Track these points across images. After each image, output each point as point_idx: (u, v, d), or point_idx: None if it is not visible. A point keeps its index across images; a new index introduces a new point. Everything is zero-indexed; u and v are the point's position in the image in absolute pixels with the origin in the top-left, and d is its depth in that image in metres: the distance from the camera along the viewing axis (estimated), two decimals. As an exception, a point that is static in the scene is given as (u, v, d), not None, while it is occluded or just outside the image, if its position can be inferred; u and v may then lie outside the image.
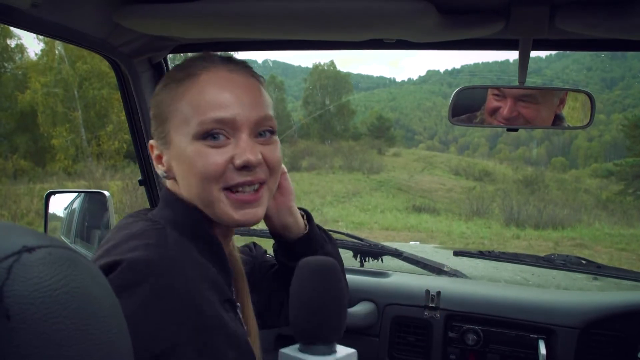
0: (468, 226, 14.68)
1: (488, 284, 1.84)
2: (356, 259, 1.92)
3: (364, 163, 26.65)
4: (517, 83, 1.28)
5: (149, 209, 0.93)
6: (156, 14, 1.06)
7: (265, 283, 1.12)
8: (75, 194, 1.88)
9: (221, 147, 0.80)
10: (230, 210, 0.82)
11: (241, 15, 1.04)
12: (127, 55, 1.39)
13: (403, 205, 18.72)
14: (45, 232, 1.58)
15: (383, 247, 1.92)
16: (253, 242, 1.23)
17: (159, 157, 0.88)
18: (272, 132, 0.86)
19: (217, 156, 0.79)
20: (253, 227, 1.81)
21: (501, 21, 1.05)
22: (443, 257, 2.10)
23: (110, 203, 1.58)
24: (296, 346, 0.71)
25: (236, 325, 0.82)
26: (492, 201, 18.07)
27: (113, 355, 0.37)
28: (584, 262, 1.72)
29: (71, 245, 1.73)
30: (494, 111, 1.34)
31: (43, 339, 0.32)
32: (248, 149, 0.80)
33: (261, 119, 0.83)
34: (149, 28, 1.17)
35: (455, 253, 1.85)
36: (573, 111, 1.35)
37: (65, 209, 1.80)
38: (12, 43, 25.79)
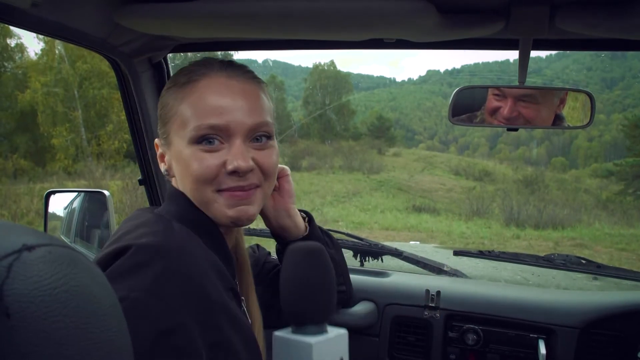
0: (468, 226, 14.67)
1: (488, 284, 1.84)
2: (356, 259, 1.92)
3: (364, 163, 26.65)
4: (517, 83, 1.29)
5: (155, 207, 0.96)
6: (156, 14, 1.06)
7: (268, 283, 1.13)
8: (75, 194, 1.87)
9: (215, 152, 0.83)
10: (224, 208, 0.85)
11: (241, 14, 1.04)
12: (127, 54, 1.39)
13: (403, 205, 18.71)
14: (45, 232, 1.58)
15: (383, 247, 1.92)
16: (257, 244, 1.24)
17: (162, 156, 0.92)
18: (269, 137, 0.88)
19: (211, 160, 0.82)
20: (255, 227, 1.81)
21: (501, 21, 1.05)
22: (443, 257, 2.10)
23: (110, 203, 1.58)
24: (289, 329, 0.73)
25: (240, 313, 0.84)
26: (492, 201, 18.07)
27: (113, 354, 0.37)
28: (584, 262, 1.72)
29: (71, 244, 1.73)
30: (494, 111, 1.34)
31: (43, 338, 0.32)
32: (239, 155, 0.82)
33: (256, 125, 0.84)
34: (149, 28, 1.17)
35: (455, 253, 1.85)
36: (573, 111, 1.35)
37: (65, 209, 1.80)
38: (12, 42, 25.84)
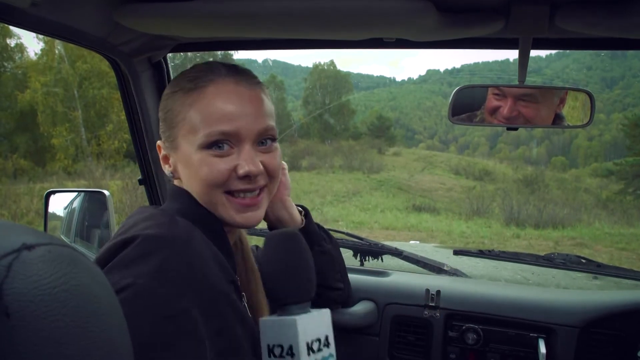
0: (468, 225, 14.67)
1: (488, 283, 1.84)
2: (356, 258, 1.92)
3: (364, 162, 26.65)
4: (517, 82, 1.28)
5: (156, 206, 0.97)
6: (156, 13, 1.06)
7: None
8: (75, 194, 1.87)
9: (225, 157, 0.85)
10: (232, 212, 0.88)
11: (241, 14, 1.04)
12: (127, 54, 1.39)
13: (403, 204, 18.71)
14: (45, 231, 1.58)
15: (383, 247, 1.91)
16: (256, 245, 1.25)
17: (166, 158, 0.94)
18: (273, 140, 0.91)
19: (221, 165, 0.85)
20: (255, 228, 1.81)
21: (501, 20, 1.05)
22: (443, 257, 2.10)
23: (110, 202, 1.58)
24: (275, 315, 0.79)
25: (241, 306, 0.86)
26: (492, 200, 18.07)
27: (112, 353, 0.37)
28: (584, 261, 1.72)
29: (71, 244, 1.73)
30: (494, 110, 1.34)
31: (42, 337, 0.32)
32: (250, 160, 0.85)
33: (263, 130, 0.88)
34: (149, 27, 1.16)
35: (455, 252, 1.85)
36: (573, 110, 1.35)
37: (65, 209, 1.80)
38: (12, 42, 25.83)
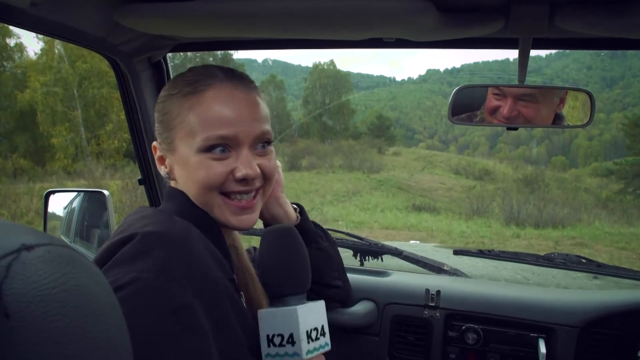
0: (468, 225, 14.67)
1: (488, 283, 1.84)
2: (356, 258, 1.92)
3: (364, 162, 26.64)
4: (517, 82, 1.28)
5: (155, 207, 0.98)
6: (156, 13, 1.06)
7: None
8: (74, 193, 1.87)
9: (223, 160, 0.86)
10: (228, 215, 0.89)
11: (241, 14, 1.04)
12: (127, 54, 1.39)
13: (403, 204, 18.71)
14: (44, 231, 1.58)
15: (383, 246, 1.91)
16: (253, 247, 1.26)
17: (162, 159, 0.94)
18: (269, 143, 0.93)
19: (219, 168, 0.86)
20: (255, 227, 1.81)
21: (501, 20, 1.05)
22: (443, 256, 2.09)
23: (109, 202, 1.58)
24: (273, 307, 0.83)
25: (240, 302, 0.87)
26: (492, 200, 18.06)
27: (112, 353, 0.37)
28: (584, 261, 1.72)
29: (71, 244, 1.73)
30: (494, 110, 1.34)
31: (42, 337, 0.32)
32: (248, 164, 0.87)
33: (260, 134, 0.89)
34: (149, 27, 1.16)
35: (455, 252, 1.85)
36: (573, 110, 1.35)
37: (64, 208, 1.80)
38: (12, 42, 25.82)
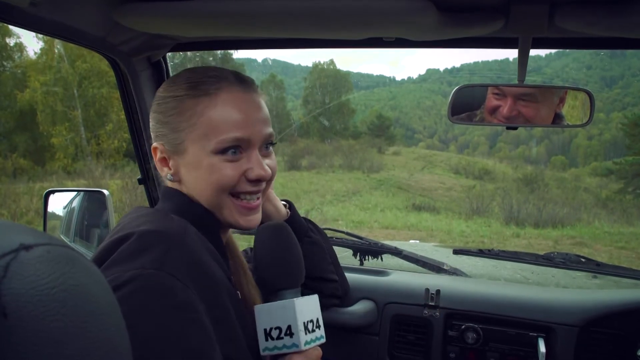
0: (468, 225, 14.67)
1: (488, 283, 1.84)
2: (356, 258, 1.92)
3: (364, 162, 26.63)
4: (517, 82, 1.28)
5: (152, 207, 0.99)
6: (155, 13, 1.06)
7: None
8: (74, 193, 1.87)
9: (236, 162, 0.89)
10: (237, 216, 0.92)
11: (240, 13, 1.04)
12: (127, 53, 1.39)
13: (403, 204, 18.71)
14: (44, 231, 1.58)
15: (383, 246, 1.91)
16: (250, 247, 1.26)
17: (164, 160, 0.94)
18: (272, 144, 0.96)
19: (232, 170, 0.88)
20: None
21: (501, 19, 1.05)
22: (443, 256, 2.09)
23: (109, 202, 1.58)
24: (270, 302, 0.86)
25: (239, 299, 0.89)
26: (492, 200, 18.06)
27: (111, 353, 0.37)
28: (584, 260, 1.72)
29: (70, 244, 1.73)
30: (494, 110, 1.34)
31: (41, 337, 0.32)
32: (260, 165, 0.90)
33: (269, 135, 0.92)
34: (148, 26, 1.16)
35: (454, 251, 1.85)
36: (573, 110, 1.35)
37: (64, 208, 1.80)
38: (11, 42, 25.79)
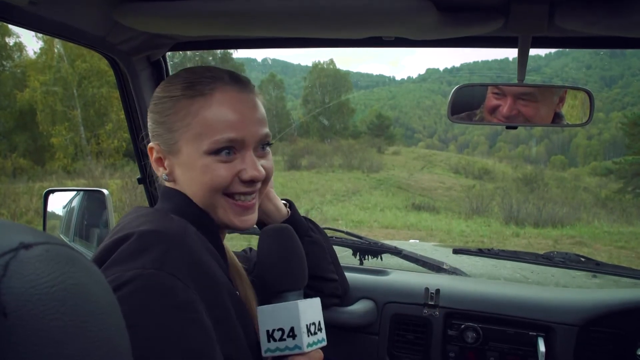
0: (467, 224, 14.67)
1: (487, 282, 1.84)
2: (355, 257, 1.92)
3: (364, 161, 26.63)
4: (517, 81, 1.28)
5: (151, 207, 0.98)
6: (155, 12, 1.06)
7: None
8: (74, 192, 1.87)
9: (229, 162, 0.88)
10: (231, 216, 0.91)
11: (240, 13, 1.04)
12: (126, 53, 1.39)
13: (403, 203, 18.71)
14: (44, 231, 1.57)
15: (382, 245, 1.91)
16: (249, 247, 1.27)
17: (160, 160, 0.94)
18: (269, 145, 0.95)
19: (225, 171, 0.87)
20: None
21: (500, 19, 1.05)
22: (442, 255, 2.09)
23: (109, 201, 1.58)
24: (272, 303, 0.87)
25: (239, 298, 0.89)
26: (492, 199, 18.06)
27: (111, 352, 0.37)
28: (583, 260, 1.72)
29: (70, 243, 1.73)
30: (494, 109, 1.34)
31: (41, 337, 0.32)
32: (254, 166, 0.89)
33: (264, 136, 0.92)
34: (148, 26, 1.16)
35: (454, 251, 1.85)
36: (572, 109, 1.35)
37: (64, 208, 1.80)
38: (11, 41, 25.77)
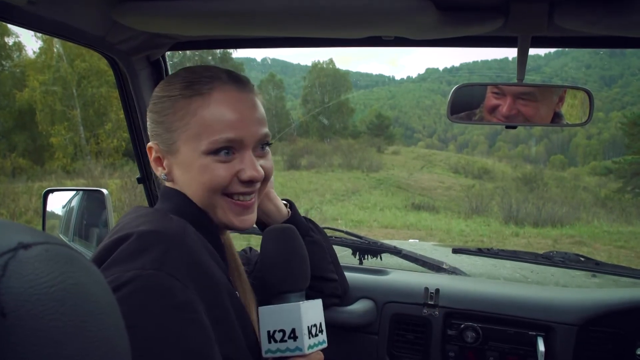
0: (467, 224, 14.67)
1: (487, 282, 1.84)
2: (355, 257, 1.92)
3: (363, 161, 26.63)
4: (516, 81, 1.28)
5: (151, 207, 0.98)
6: (154, 12, 1.06)
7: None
8: (73, 192, 1.87)
9: (228, 162, 0.87)
10: (230, 215, 0.90)
11: (240, 12, 1.04)
12: (125, 52, 1.39)
13: (402, 203, 18.71)
14: (43, 230, 1.57)
15: (382, 245, 1.91)
16: (249, 247, 1.28)
17: (159, 160, 0.93)
18: (268, 145, 0.95)
19: (224, 171, 0.87)
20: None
21: (500, 18, 1.05)
22: (442, 255, 2.10)
23: (108, 201, 1.58)
24: (273, 304, 0.87)
25: (239, 298, 0.88)
26: (491, 199, 18.06)
27: (110, 353, 0.37)
28: (583, 260, 1.72)
29: (69, 243, 1.73)
30: (493, 109, 1.34)
31: (40, 337, 0.32)
32: (253, 166, 0.88)
33: (263, 136, 0.91)
34: (147, 25, 1.16)
35: (454, 250, 1.85)
36: (572, 109, 1.35)
37: (63, 207, 1.80)
38: (10, 41, 25.74)
